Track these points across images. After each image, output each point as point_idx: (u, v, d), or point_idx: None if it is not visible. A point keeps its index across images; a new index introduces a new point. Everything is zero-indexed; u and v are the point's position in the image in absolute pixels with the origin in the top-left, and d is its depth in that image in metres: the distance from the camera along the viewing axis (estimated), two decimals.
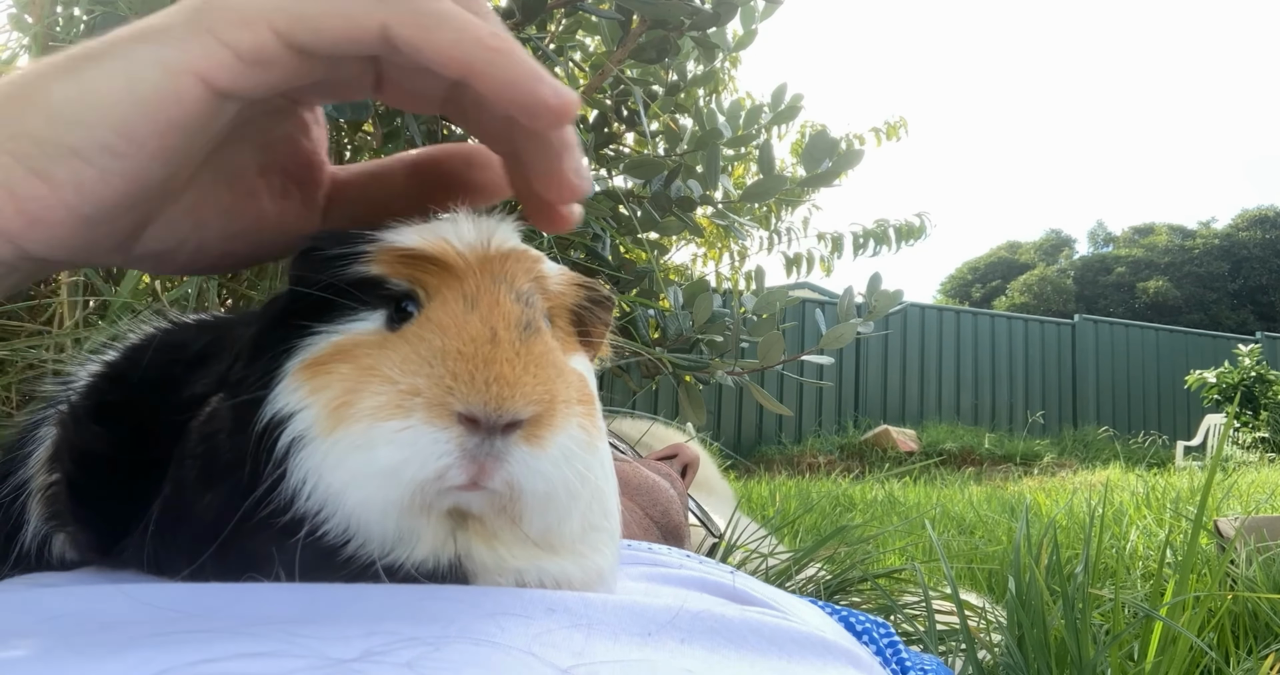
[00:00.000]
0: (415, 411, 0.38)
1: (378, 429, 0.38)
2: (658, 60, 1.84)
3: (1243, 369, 10.43)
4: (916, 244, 3.36)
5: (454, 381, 0.38)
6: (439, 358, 0.39)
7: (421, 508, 0.39)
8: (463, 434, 0.38)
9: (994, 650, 1.27)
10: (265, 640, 0.32)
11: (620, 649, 0.37)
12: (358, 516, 0.39)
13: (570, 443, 0.41)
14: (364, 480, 0.38)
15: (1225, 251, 39.88)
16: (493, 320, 0.41)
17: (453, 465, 0.38)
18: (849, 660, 0.46)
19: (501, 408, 0.38)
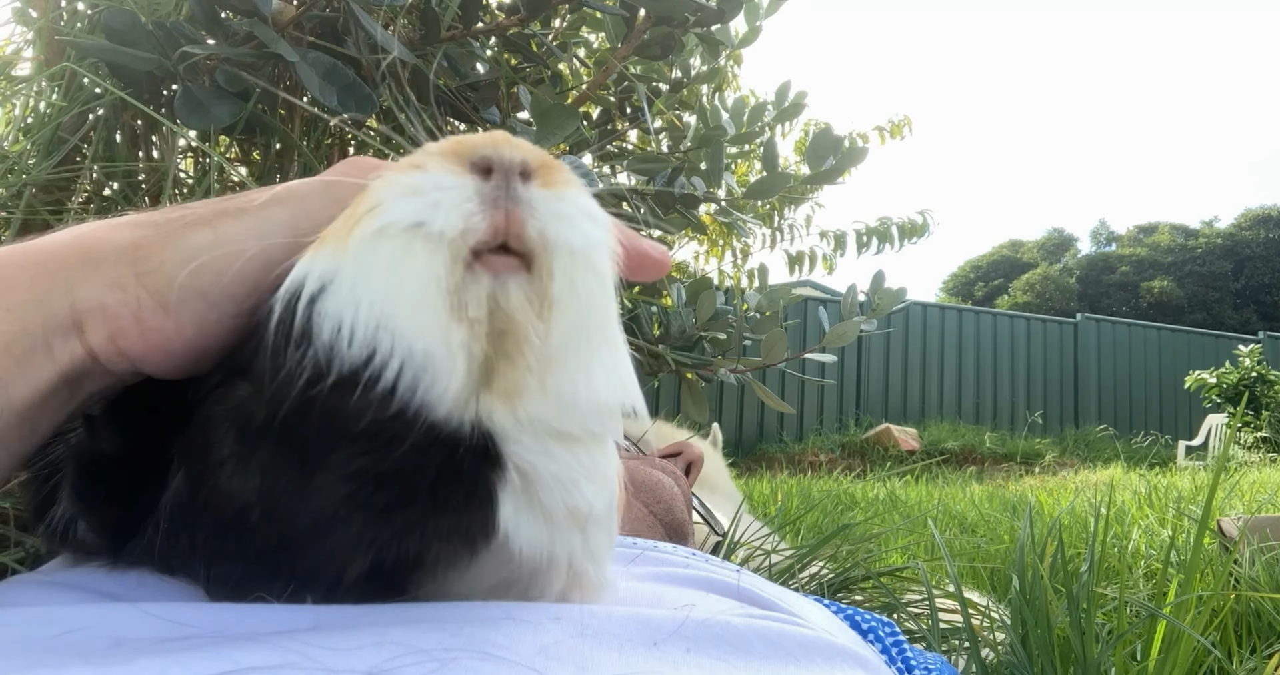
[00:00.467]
0: (428, 164, 0.37)
1: (391, 190, 0.36)
2: (662, 57, 1.84)
3: (1243, 369, 10.41)
4: (919, 242, 3.36)
5: (457, 145, 0.38)
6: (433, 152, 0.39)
7: (457, 302, 0.35)
8: (478, 181, 0.37)
9: (998, 648, 1.27)
10: (275, 650, 0.32)
11: (625, 660, 0.37)
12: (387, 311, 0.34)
13: (586, 200, 0.39)
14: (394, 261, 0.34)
15: (1229, 251, 39.84)
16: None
17: (475, 212, 0.35)
18: (857, 663, 0.46)
19: (511, 146, 0.37)
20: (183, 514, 0.42)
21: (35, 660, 0.31)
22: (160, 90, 1.32)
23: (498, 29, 1.64)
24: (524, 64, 1.89)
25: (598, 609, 0.41)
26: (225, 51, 1.18)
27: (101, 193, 1.39)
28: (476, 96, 1.65)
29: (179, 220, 0.44)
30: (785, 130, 4.17)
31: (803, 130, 4.34)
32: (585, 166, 1.67)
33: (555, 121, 1.51)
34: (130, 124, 1.38)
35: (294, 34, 1.35)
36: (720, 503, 2.13)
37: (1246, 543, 1.82)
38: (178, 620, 0.36)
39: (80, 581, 0.44)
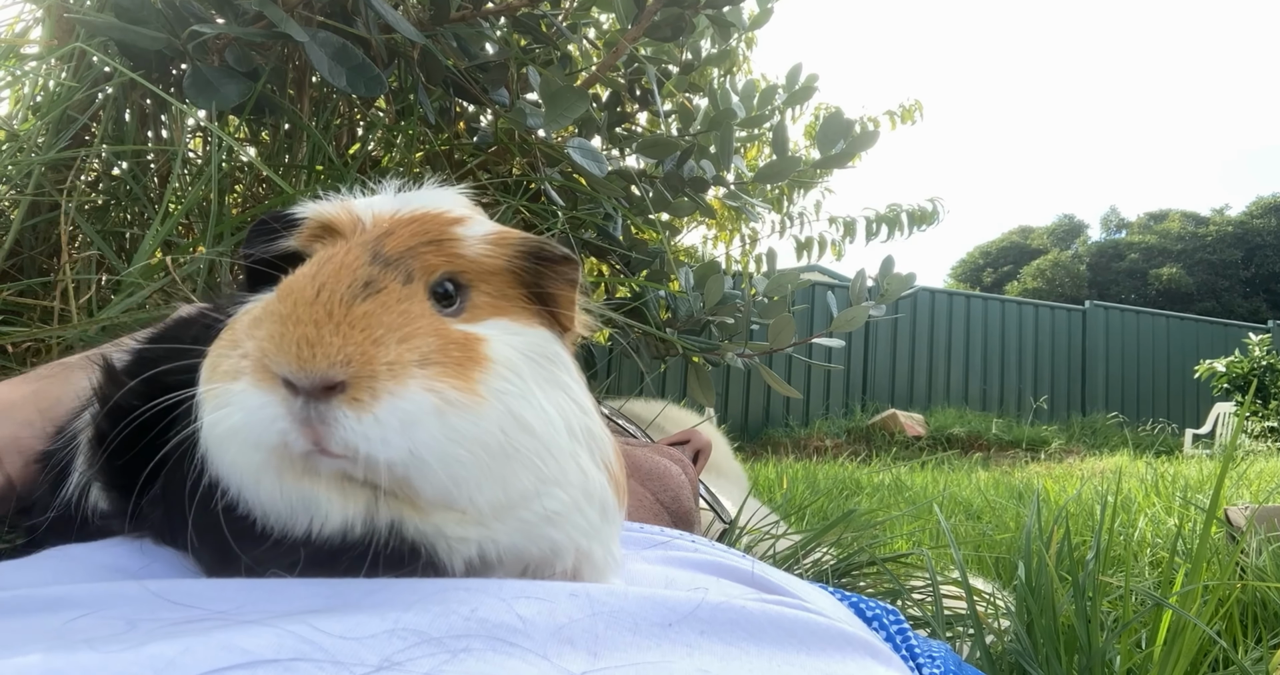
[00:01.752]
0: (244, 374, 0.39)
1: (226, 390, 0.39)
2: (672, 38, 1.82)
3: (1253, 358, 10.36)
4: (928, 229, 3.34)
5: (269, 342, 0.39)
6: (266, 319, 0.40)
7: (303, 470, 0.39)
8: (287, 397, 0.38)
9: (1002, 636, 1.27)
10: (285, 636, 0.31)
11: (640, 642, 0.37)
12: (236, 478, 0.39)
13: (409, 407, 0.39)
14: (226, 441, 0.39)
15: (1239, 239, 39.57)
16: (323, 280, 0.40)
17: (288, 430, 0.38)
18: (868, 651, 0.46)
19: (306, 369, 0.38)
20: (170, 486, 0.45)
21: (47, 645, 0.31)
22: (170, 70, 1.32)
23: (507, 9, 1.63)
24: (533, 45, 1.88)
25: (614, 588, 0.41)
26: (234, 31, 1.18)
27: (111, 172, 1.39)
28: (486, 77, 1.65)
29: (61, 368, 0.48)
30: (795, 114, 4.14)
31: (813, 114, 4.31)
32: (595, 149, 1.66)
33: (564, 103, 1.51)
34: (139, 103, 1.37)
35: (303, 14, 1.34)
36: (726, 487, 2.13)
37: (1254, 532, 1.82)
38: (189, 601, 0.35)
39: (90, 556, 0.44)
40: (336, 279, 0.41)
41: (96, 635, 0.32)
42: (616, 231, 2.08)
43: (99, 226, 1.28)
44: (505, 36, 1.85)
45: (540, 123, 1.57)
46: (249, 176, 1.55)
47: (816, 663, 0.42)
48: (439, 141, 1.82)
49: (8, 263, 1.22)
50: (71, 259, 1.19)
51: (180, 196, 1.33)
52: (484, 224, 0.47)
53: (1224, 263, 38.99)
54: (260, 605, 0.35)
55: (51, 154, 1.21)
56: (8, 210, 1.24)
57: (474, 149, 1.87)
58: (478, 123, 1.97)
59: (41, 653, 0.30)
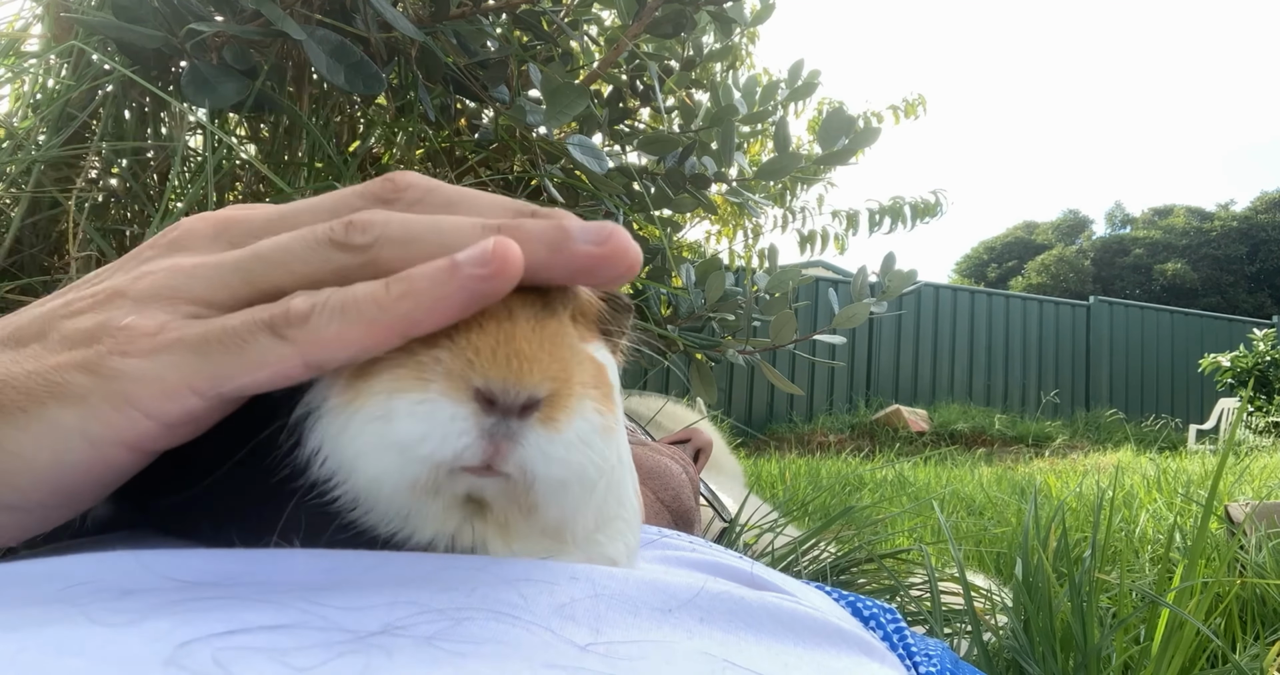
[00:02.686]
0: (434, 383, 0.37)
1: (396, 400, 0.37)
2: (674, 35, 1.82)
3: (1257, 353, 10.35)
4: (932, 221, 3.33)
5: (474, 355, 0.37)
6: (459, 331, 0.38)
7: (431, 487, 0.38)
8: (478, 412, 0.37)
9: (999, 633, 1.28)
10: (286, 609, 0.32)
11: (640, 624, 0.37)
12: (368, 490, 0.38)
13: (586, 427, 0.39)
14: (379, 453, 0.37)
15: (1244, 234, 39.47)
16: (508, 299, 0.39)
17: (470, 445, 0.36)
18: (862, 649, 0.46)
19: (521, 382, 0.37)
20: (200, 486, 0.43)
21: (39, 616, 0.31)
22: (168, 67, 1.32)
23: (508, 6, 1.63)
24: (534, 42, 1.88)
25: (615, 571, 0.41)
26: (232, 29, 1.18)
27: (110, 170, 1.39)
28: (486, 74, 1.64)
29: None
30: (798, 109, 4.14)
31: (816, 109, 4.31)
32: (595, 146, 1.66)
33: (565, 100, 1.51)
34: (139, 101, 1.38)
35: (301, 11, 1.34)
36: (727, 484, 2.14)
37: (1254, 528, 1.82)
38: (185, 572, 0.35)
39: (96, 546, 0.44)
40: (520, 297, 0.40)
41: (90, 605, 0.32)
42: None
43: (98, 224, 1.28)
44: (505, 33, 1.85)
45: (541, 119, 1.57)
46: (249, 174, 1.56)
47: (813, 655, 0.42)
48: (439, 139, 1.82)
49: (8, 260, 1.22)
50: (72, 257, 1.19)
51: (180, 194, 1.33)
52: None
53: (1229, 258, 38.90)
54: (259, 577, 0.35)
55: (51, 152, 1.21)
56: (7, 208, 1.24)
57: (475, 146, 1.88)
58: (478, 120, 1.97)
59: (34, 624, 0.30)
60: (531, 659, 0.32)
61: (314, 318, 0.37)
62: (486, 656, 0.31)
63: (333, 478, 0.38)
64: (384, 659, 0.29)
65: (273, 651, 0.29)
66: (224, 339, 0.38)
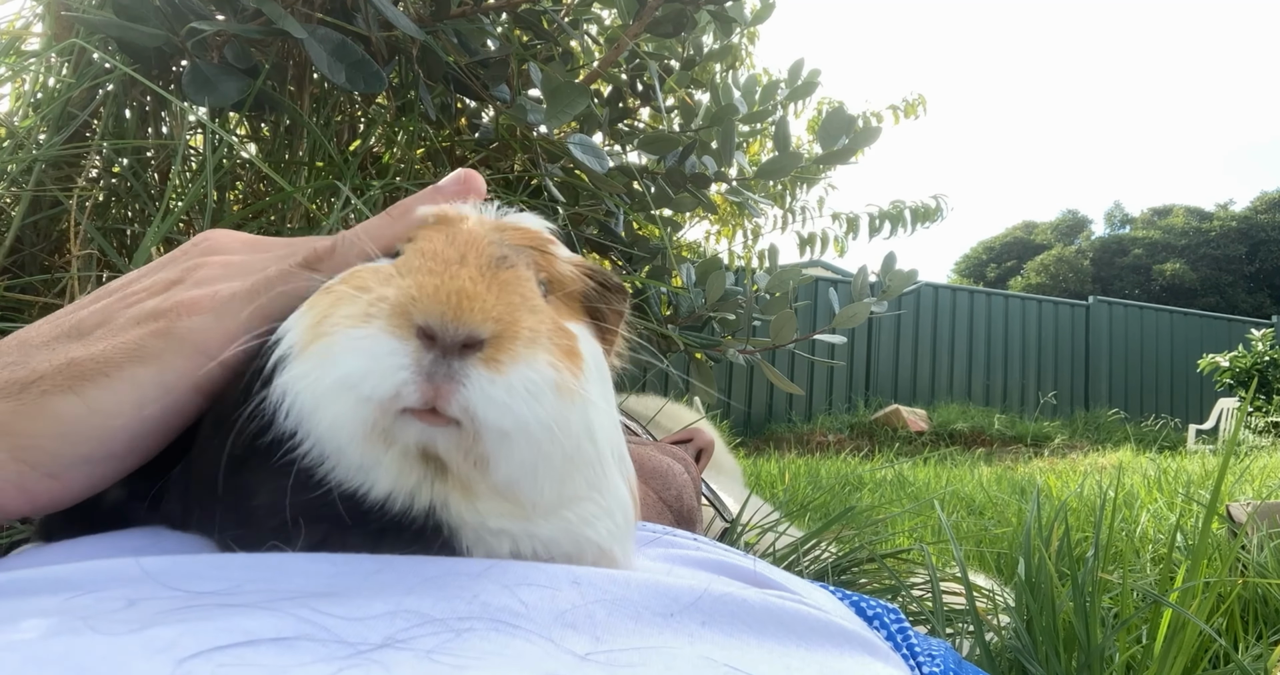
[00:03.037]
0: (377, 319, 0.38)
1: (342, 336, 0.38)
2: (674, 34, 1.82)
3: (1256, 353, 10.35)
4: (932, 226, 3.34)
5: (418, 291, 0.38)
6: (411, 273, 0.39)
7: (382, 434, 0.38)
8: (419, 349, 0.37)
9: (1002, 633, 1.27)
10: (288, 618, 0.31)
11: (641, 629, 0.37)
12: (328, 435, 0.38)
13: (534, 377, 0.39)
14: (332, 396, 0.37)
15: (1243, 234, 39.49)
16: (464, 248, 0.41)
17: (408, 381, 0.37)
18: (866, 648, 0.46)
19: (459, 319, 0.37)
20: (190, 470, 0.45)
21: (45, 627, 0.31)
22: (169, 66, 1.32)
23: (508, 5, 1.63)
24: (535, 41, 1.88)
25: (617, 575, 0.41)
26: (233, 28, 1.18)
27: (111, 169, 1.39)
28: (486, 73, 1.64)
29: (35, 387, 0.43)
30: (798, 109, 4.14)
31: (816, 109, 4.31)
32: (595, 145, 1.66)
33: (566, 99, 1.50)
34: (140, 100, 1.37)
35: (302, 10, 1.34)
36: (726, 483, 2.13)
37: (1255, 528, 1.81)
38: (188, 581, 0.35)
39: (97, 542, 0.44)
40: (477, 248, 0.41)
41: (96, 615, 0.32)
42: (618, 228, 2.08)
43: (99, 223, 1.28)
44: (506, 32, 1.85)
45: (541, 119, 1.56)
46: (250, 173, 1.55)
47: (816, 657, 0.42)
48: (440, 138, 1.82)
49: (8, 259, 1.22)
50: (73, 255, 1.19)
51: (180, 193, 1.33)
52: (563, 248, 0.49)
53: (1228, 258, 38.92)
54: (261, 585, 0.35)
55: (52, 150, 1.21)
56: (8, 207, 1.24)
57: (475, 145, 1.87)
58: (479, 119, 1.97)
59: (41, 635, 0.30)
60: (531, 671, 0.32)
61: (338, 248, 0.47)
62: (487, 669, 0.31)
63: (297, 429, 0.38)
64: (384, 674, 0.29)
65: (273, 668, 0.29)
66: (270, 285, 0.46)
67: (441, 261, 0.40)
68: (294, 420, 0.38)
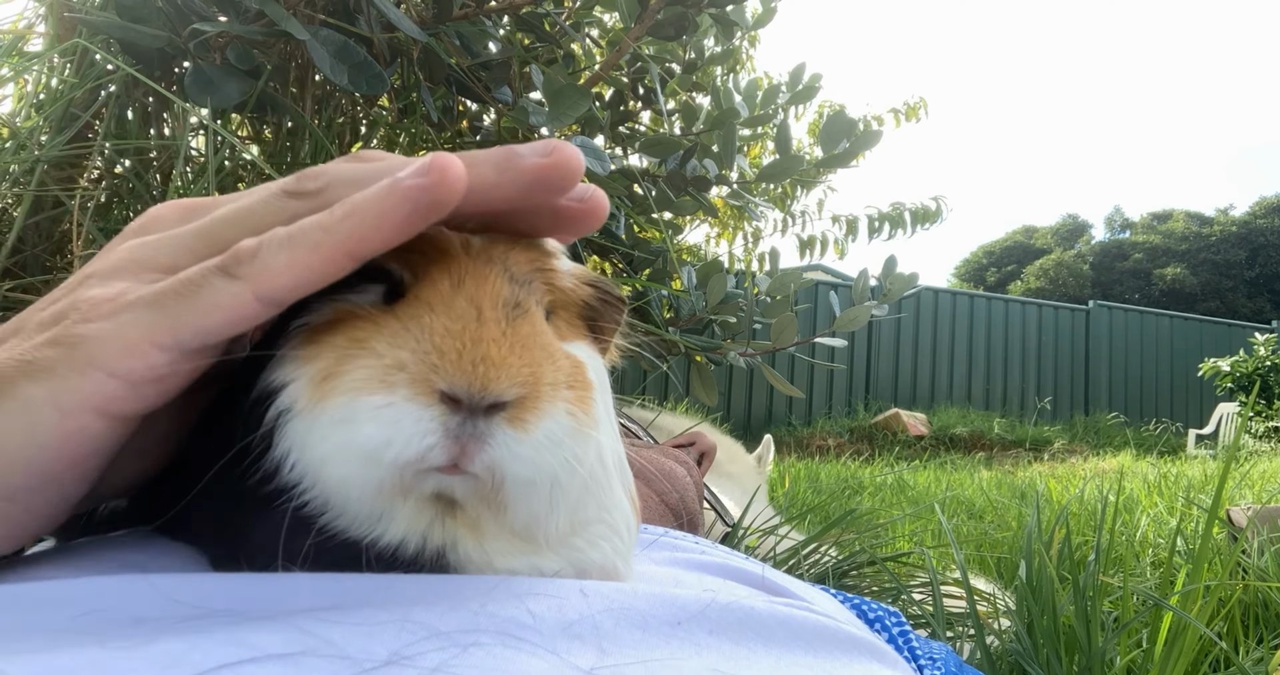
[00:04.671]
0: (399, 387, 0.37)
1: (360, 402, 0.37)
2: (675, 37, 1.82)
3: (1257, 358, 10.35)
4: (932, 228, 3.34)
5: (439, 359, 0.37)
6: (425, 333, 0.38)
7: (400, 488, 0.37)
8: (445, 413, 0.37)
9: (1002, 636, 1.27)
10: (294, 634, 0.31)
11: (648, 640, 0.37)
12: (336, 493, 0.37)
13: (556, 428, 0.39)
14: (345, 457, 0.36)
15: (1243, 239, 39.49)
16: (479, 299, 0.39)
17: (435, 446, 0.36)
18: (873, 655, 0.46)
19: (486, 388, 0.37)
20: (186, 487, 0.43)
21: (53, 642, 0.31)
22: (171, 67, 1.32)
23: (510, 8, 1.63)
24: (536, 43, 1.88)
25: (624, 586, 0.41)
26: (236, 29, 1.18)
27: (113, 170, 1.39)
28: (488, 76, 1.64)
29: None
30: (799, 112, 4.15)
31: (817, 112, 4.31)
32: (597, 148, 1.66)
33: (567, 102, 1.51)
34: (142, 101, 1.37)
35: (305, 12, 1.34)
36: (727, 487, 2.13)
37: (1255, 532, 1.81)
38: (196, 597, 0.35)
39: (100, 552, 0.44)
40: (491, 297, 0.40)
41: (103, 632, 0.32)
42: (619, 230, 2.08)
43: (101, 224, 1.28)
44: (508, 35, 1.85)
45: (543, 121, 1.57)
46: (252, 174, 1.55)
47: (824, 665, 0.42)
48: (442, 140, 1.82)
49: (10, 260, 1.22)
50: (75, 256, 1.19)
51: (183, 194, 1.33)
52: (565, 258, 0.48)
53: (1228, 263, 38.91)
54: (268, 602, 0.35)
55: (54, 151, 1.21)
56: (10, 207, 1.24)
57: (477, 147, 1.87)
58: (481, 121, 1.97)
59: (48, 650, 0.30)
60: None
61: (261, 252, 0.37)
62: None
63: (301, 482, 0.37)
64: None
65: None
66: (179, 289, 0.38)
67: (458, 318, 0.38)
68: (298, 475, 0.37)
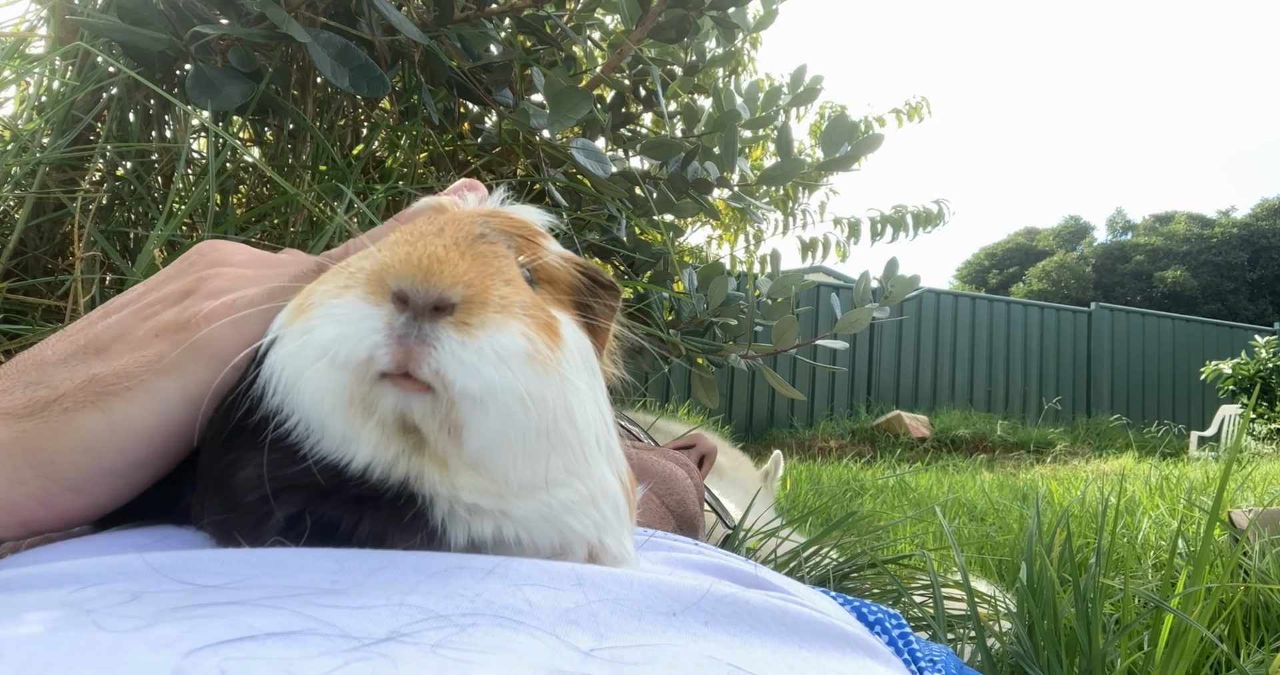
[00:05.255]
0: (354, 288, 0.39)
1: (321, 307, 0.39)
2: (677, 40, 1.83)
3: (1259, 360, 10.34)
4: (933, 230, 3.34)
5: (390, 257, 0.39)
6: (387, 246, 0.40)
7: (361, 403, 0.39)
8: (392, 313, 0.38)
9: (1003, 638, 1.27)
10: (292, 613, 0.32)
11: (644, 627, 0.37)
12: (313, 411, 0.39)
13: (507, 344, 0.39)
14: (308, 362, 0.39)
15: (1245, 241, 39.43)
16: (444, 224, 0.42)
17: (380, 345, 0.37)
18: (866, 652, 0.46)
19: (429, 281, 0.38)
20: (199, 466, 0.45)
21: (51, 622, 0.31)
22: (173, 70, 1.32)
23: (511, 10, 1.63)
24: (538, 46, 1.88)
25: (620, 574, 0.41)
26: (237, 32, 1.18)
27: (115, 172, 1.39)
28: (490, 78, 1.65)
29: (57, 404, 0.43)
30: (800, 114, 4.14)
31: (818, 113, 4.31)
32: (598, 150, 1.66)
33: (568, 104, 1.51)
34: (143, 103, 1.38)
35: (306, 15, 1.34)
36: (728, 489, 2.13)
37: (1257, 534, 1.81)
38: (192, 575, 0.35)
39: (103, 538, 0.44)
40: (457, 224, 0.42)
41: (101, 610, 0.32)
42: (620, 233, 2.08)
43: (103, 226, 1.28)
44: (509, 37, 1.85)
45: (544, 123, 1.57)
46: (253, 177, 1.56)
47: (819, 659, 0.42)
48: (443, 142, 1.82)
49: (12, 262, 1.22)
50: (76, 258, 1.19)
51: (184, 197, 1.33)
52: (555, 242, 0.49)
53: (1230, 265, 38.86)
54: (264, 580, 0.35)
55: (56, 154, 1.21)
56: (12, 210, 1.24)
57: (478, 150, 1.88)
58: (482, 123, 1.97)
59: (46, 630, 0.30)
60: (536, 666, 0.31)
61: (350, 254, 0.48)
62: (491, 664, 0.31)
63: (282, 404, 0.39)
64: (390, 667, 0.29)
65: (278, 661, 0.29)
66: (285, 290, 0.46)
67: (418, 234, 0.41)
68: (279, 396, 0.40)
